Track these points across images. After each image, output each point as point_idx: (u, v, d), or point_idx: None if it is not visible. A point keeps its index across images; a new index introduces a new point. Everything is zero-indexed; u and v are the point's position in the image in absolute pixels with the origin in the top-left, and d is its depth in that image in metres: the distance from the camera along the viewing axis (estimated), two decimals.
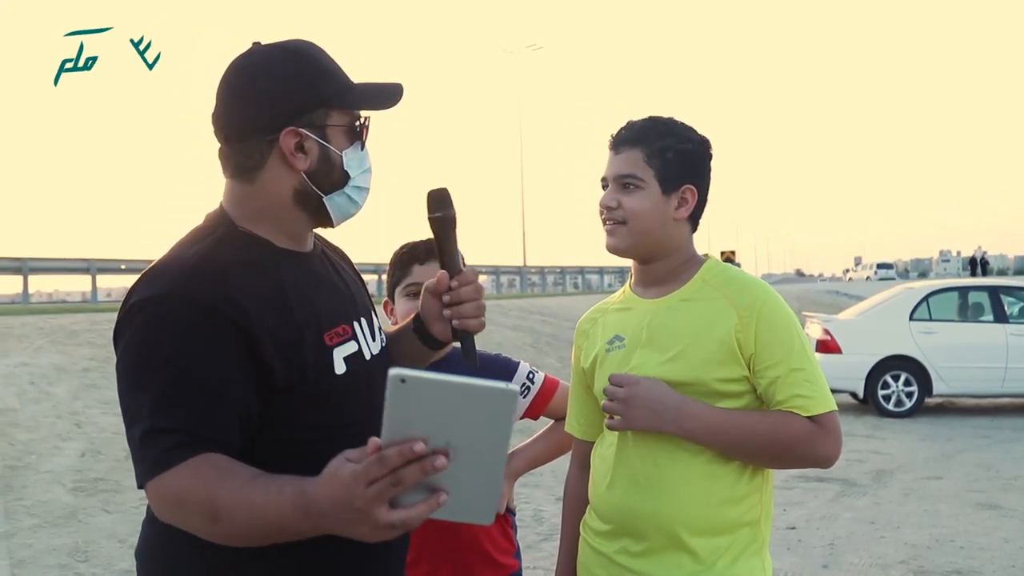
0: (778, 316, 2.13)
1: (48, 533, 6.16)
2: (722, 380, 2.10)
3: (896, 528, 6.94)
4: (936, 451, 10.07)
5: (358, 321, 1.87)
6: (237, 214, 1.79)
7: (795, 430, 2.07)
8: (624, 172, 2.17)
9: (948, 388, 12.58)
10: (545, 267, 43.82)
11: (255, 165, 1.76)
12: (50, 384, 8.85)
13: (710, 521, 2.11)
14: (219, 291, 1.62)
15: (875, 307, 13.69)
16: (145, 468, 1.57)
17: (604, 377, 2.22)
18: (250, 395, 1.63)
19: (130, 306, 1.65)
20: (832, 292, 40.72)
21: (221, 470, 1.54)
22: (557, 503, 7.09)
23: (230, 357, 1.61)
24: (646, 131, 2.20)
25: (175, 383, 1.58)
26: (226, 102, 1.78)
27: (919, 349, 12.49)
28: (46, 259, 22.00)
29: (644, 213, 2.16)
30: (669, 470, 2.11)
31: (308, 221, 1.83)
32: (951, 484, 8.40)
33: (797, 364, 2.09)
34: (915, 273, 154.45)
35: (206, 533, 1.56)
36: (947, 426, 11.81)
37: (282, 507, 1.46)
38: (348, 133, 1.80)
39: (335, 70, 1.81)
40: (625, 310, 2.29)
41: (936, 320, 12.86)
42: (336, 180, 1.80)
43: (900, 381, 12.51)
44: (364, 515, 1.36)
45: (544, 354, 14.35)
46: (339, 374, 1.75)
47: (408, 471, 1.32)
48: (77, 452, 7.45)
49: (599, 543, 2.23)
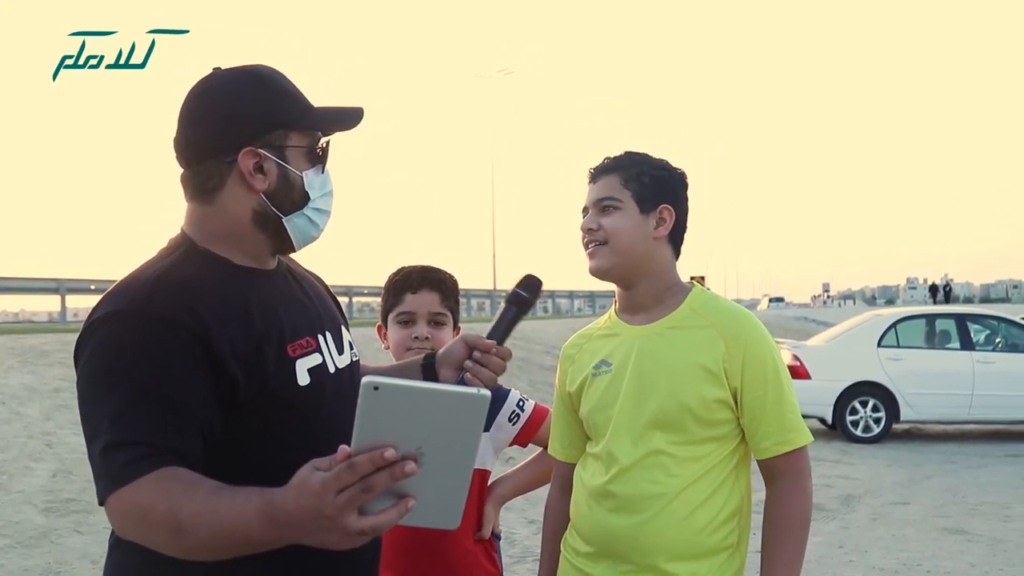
0: (764, 347, 2.20)
1: (19, 554, 6.11)
2: (706, 407, 2.15)
3: (864, 552, 7.01)
4: (904, 476, 10.18)
5: (323, 334, 1.87)
6: (197, 235, 1.80)
7: (798, 510, 2.21)
8: (602, 196, 2.24)
9: (915, 414, 12.71)
10: None
11: (214, 186, 1.77)
12: (21, 404, 8.78)
13: (690, 545, 2.15)
14: (179, 305, 1.63)
15: (844, 333, 13.84)
16: (105, 483, 1.55)
17: (591, 400, 2.28)
18: (211, 407, 1.62)
19: (89, 324, 1.66)
20: (801, 318, 41.00)
21: (183, 482, 1.52)
22: (529, 525, 7.13)
23: (190, 370, 1.61)
24: (622, 160, 2.28)
25: (134, 396, 1.57)
26: (186, 125, 1.79)
27: (887, 375, 12.63)
28: (14, 278, 21.66)
29: (624, 231, 2.22)
30: (653, 496, 2.15)
31: (268, 243, 1.83)
32: (918, 509, 8.50)
33: (779, 398, 2.18)
34: (882, 300, 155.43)
35: (169, 548, 1.53)
36: (914, 452, 11.94)
37: (248, 517, 1.44)
38: (308, 155, 1.82)
39: (294, 92, 1.84)
40: (611, 336, 2.33)
41: (904, 347, 13.01)
42: (296, 201, 1.81)
43: (868, 407, 12.63)
44: (334, 523, 1.35)
45: (515, 377, 14.35)
46: (302, 385, 1.74)
47: (378, 478, 1.32)
48: (49, 472, 7.40)
49: (582, 563, 2.26)
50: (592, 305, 40.22)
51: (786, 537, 2.19)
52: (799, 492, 2.20)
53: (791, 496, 2.19)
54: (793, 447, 2.17)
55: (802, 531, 2.21)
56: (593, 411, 2.28)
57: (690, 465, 2.16)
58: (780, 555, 2.19)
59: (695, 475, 2.16)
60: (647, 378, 2.19)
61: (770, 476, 2.22)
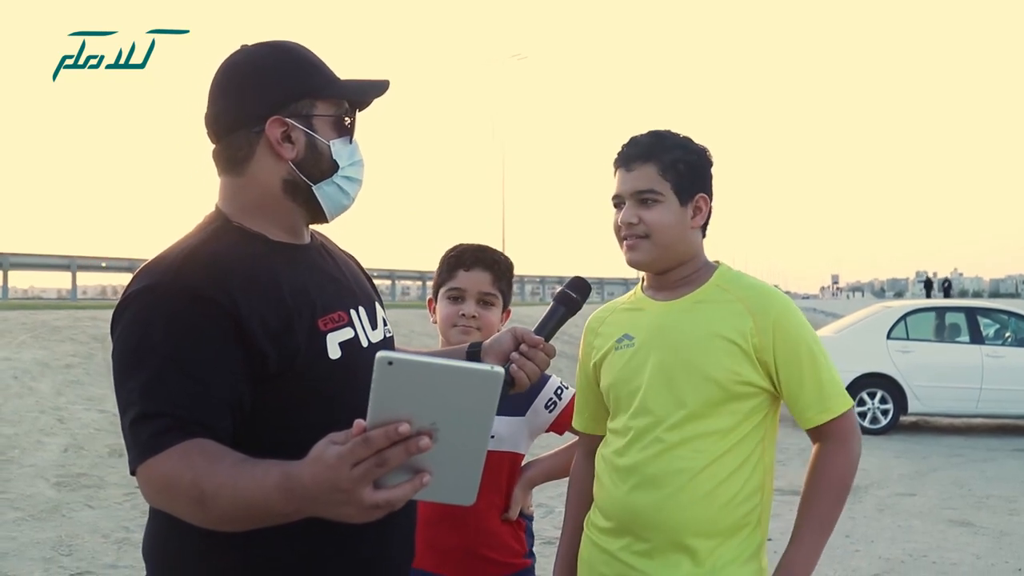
0: (795, 322, 2.20)
1: (31, 527, 6.16)
2: (733, 380, 2.15)
3: (870, 543, 7.02)
4: (911, 468, 10.18)
5: (355, 309, 1.88)
6: (231, 210, 1.83)
7: (838, 470, 2.20)
8: (642, 188, 2.20)
9: (923, 407, 12.69)
10: (524, 276, 43.73)
11: (244, 157, 1.80)
12: (33, 379, 8.84)
13: (713, 522, 2.14)
14: (208, 280, 1.65)
15: (853, 325, 13.81)
16: (135, 453, 1.59)
17: (611, 372, 2.28)
18: (240, 381, 1.64)
19: (124, 298, 1.69)
20: (809, 310, 40.93)
21: (208, 455, 1.54)
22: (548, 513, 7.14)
23: (219, 344, 1.63)
24: (654, 146, 2.23)
25: (164, 369, 1.59)
26: (215, 100, 1.82)
27: (895, 367, 12.61)
28: (26, 255, 21.82)
29: (667, 226, 2.20)
30: (675, 471, 2.15)
31: (300, 212, 1.85)
32: (925, 501, 8.51)
33: (817, 370, 2.17)
34: (891, 293, 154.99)
35: (194, 518, 1.56)
36: (922, 444, 11.93)
37: (267, 490, 1.45)
38: (335, 125, 1.84)
39: (320, 64, 1.86)
40: (636, 310, 2.33)
41: (913, 339, 12.99)
42: (325, 169, 1.83)
43: (876, 398, 12.62)
44: (349, 496, 1.36)
45: None
46: (334, 359, 1.76)
47: (393, 452, 1.33)
48: (60, 447, 7.46)
49: (603, 540, 2.26)
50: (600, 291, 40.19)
51: (823, 495, 2.19)
52: (844, 453, 2.19)
53: (835, 457, 2.19)
54: (834, 415, 2.17)
55: (840, 491, 2.20)
56: (614, 385, 2.27)
57: (715, 440, 2.15)
58: (814, 512, 2.19)
59: (720, 450, 2.15)
60: (671, 352, 2.19)
61: (816, 439, 2.23)
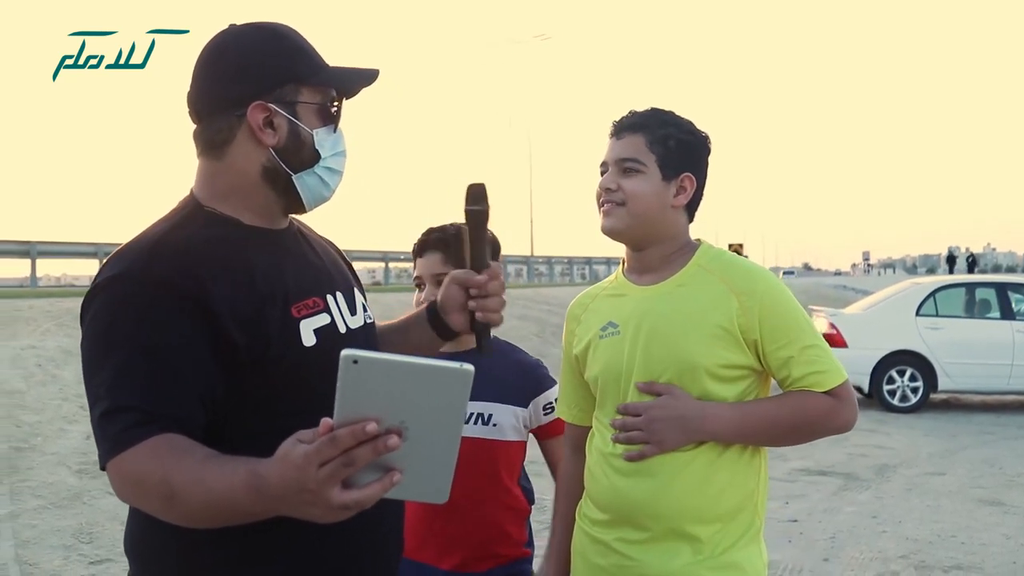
0: (781, 298, 2.14)
1: (53, 514, 6.19)
2: (722, 365, 2.11)
3: (898, 523, 6.94)
4: (940, 447, 10.06)
5: (332, 295, 1.84)
6: (205, 193, 1.78)
7: (815, 407, 2.12)
8: (625, 156, 2.18)
9: (953, 384, 12.54)
10: (552, 257, 43.76)
11: (223, 140, 1.75)
12: (57, 367, 8.89)
13: (709, 508, 2.11)
14: (177, 268, 1.61)
15: (882, 302, 13.64)
16: (104, 449, 1.55)
17: (598, 363, 2.24)
18: (211, 371, 1.60)
19: (92, 288, 1.65)
20: (840, 287, 40.65)
21: (177, 450, 1.51)
22: None
23: (189, 334, 1.58)
24: (649, 119, 2.21)
25: (131, 362, 1.55)
26: (198, 79, 1.77)
27: (925, 344, 12.46)
28: (54, 243, 21.95)
29: (643, 196, 2.17)
30: (667, 458, 2.11)
31: (278, 201, 1.80)
32: (954, 480, 8.40)
33: (808, 341, 2.12)
34: (923, 269, 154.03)
35: (164, 515, 1.53)
36: (952, 422, 11.80)
37: (235, 488, 1.42)
38: (320, 113, 1.79)
39: (309, 49, 1.81)
40: (618, 296, 2.29)
41: (943, 316, 12.81)
42: (306, 159, 1.78)
43: (905, 376, 12.48)
44: (316, 496, 1.33)
45: (550, 344, 14.36)
46: (308, 346, 1.71)
47: (360, 451, 1.30)
48: (82, 435, 7.48)
49: (597, 531, 2.23)
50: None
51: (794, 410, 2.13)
52: (834, 407, 2.13)
53: (825, 402, 2.12)
54: (823, 388, 2.11)
55: (805, 422, 2.15)
56: (601, 374, 2.23)
57: None
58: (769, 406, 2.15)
59: None
60: (657, 340, 2.15)
61: None
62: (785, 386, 2.16)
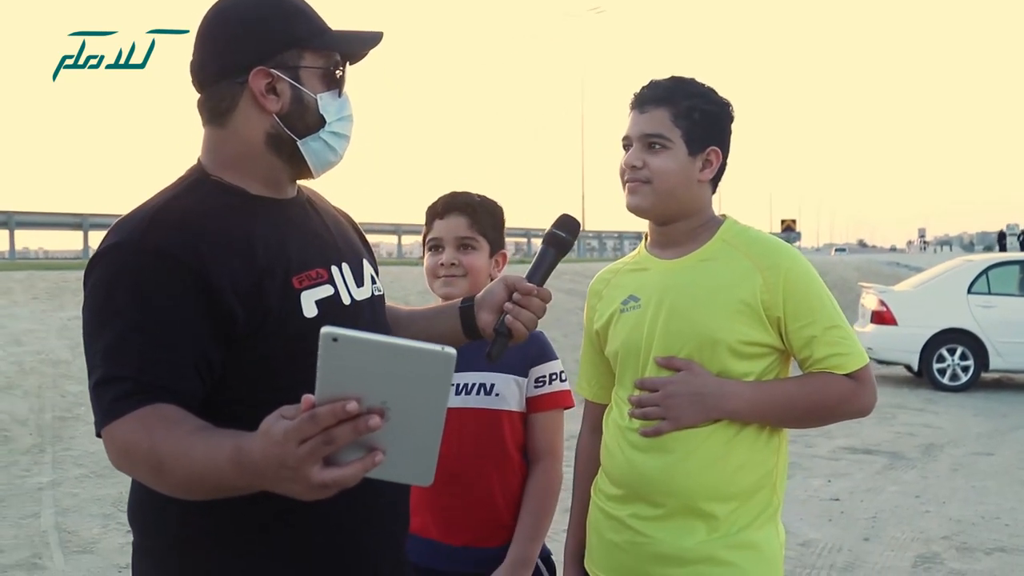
0: (805, 276, 2.10)
1: (93, 483, 6.29)
2: (743, 342, 2.07)
3: (942, 503, 6.82)
4: (989, 427, 9.87)
5: (338, 266, 1.82)
6: (211, 162, 1.77)
7: (835, 390, 2.08)
8: (651, 131, 2.14)
9: (1005, 363, 12.29)
10: (603, 232, 43.62)
11: (227, 108, 1.74)
12: None
13: (726, 486, 2.08)
14: (176, 238, 1.60)
15: (933, 279, 13.40)
16: (98, 417, 1.56)
17: (618, 337, 2.20)
18: (207, 341, 1.60)
19: (93, 256, 1.65)
20: (892, 263, 40.06)
21: (167, 421, 1.51)
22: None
23: (185, 304, 1.58)
24: (672, 91, 2.16)
25: (127, 332, 1.55)
26: (199, 47, 1.76)
27: (976, 323, 12.22)
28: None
29: (670, 173, 2.13)
30: (684, 434, 2.09)
31: (284, 168, 1.79)
32: (1001, 461, 8.24)
33: (832, 322, 2.09)
34: (980, 246, 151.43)
35: (154, 484, 1.54)
36: (1002, 402, 11.57)
37: (219, 462, 1.42)
38: (324, 77, 1.76)
39: (311, 13, 1.78)
40: (640, 270, 2.25)
41: (995, 294, 12.54)
42: (311, 124, 1.75)
43: (956, 355, 12.25)
44: (295, 474, 1.32)
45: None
46: (309, 317, 1.69)
47: (341, 430, 1.28)
48: None
49: (611, 506, 2.21)
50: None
51: (809, 392, 2.11)
52: (853, 390, 2.10)
53: (845, 385, 2.09)
54: (845, 371, 2.07)
55: (822, 407, 2.13)
56: (621, 348, 2.20)
57: None
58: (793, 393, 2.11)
59: None
60: (679, 314, 2.11)
61: None
62: (806, 367, 2.11)
